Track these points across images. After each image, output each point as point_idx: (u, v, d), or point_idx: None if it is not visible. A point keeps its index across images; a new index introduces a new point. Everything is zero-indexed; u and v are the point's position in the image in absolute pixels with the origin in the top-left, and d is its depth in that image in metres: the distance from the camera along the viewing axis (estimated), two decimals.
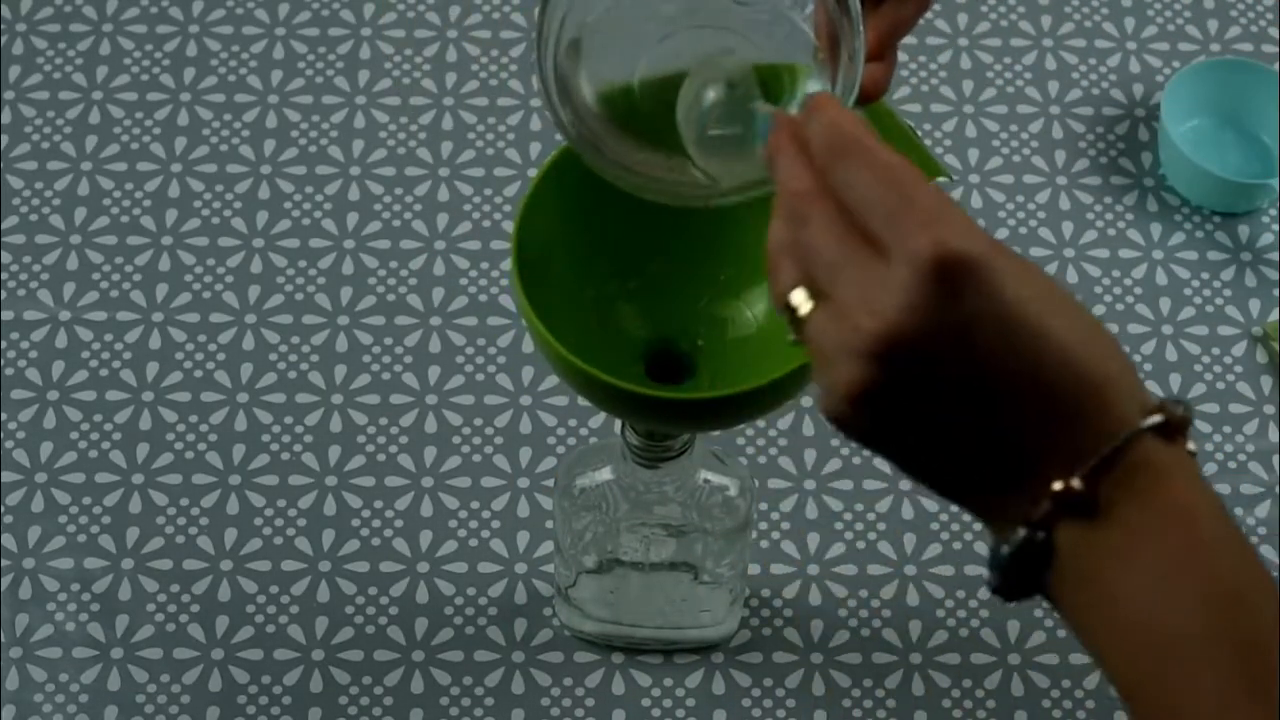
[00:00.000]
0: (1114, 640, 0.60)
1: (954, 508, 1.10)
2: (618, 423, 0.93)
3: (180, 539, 1.09)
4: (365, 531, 1.09)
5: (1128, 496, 0.59)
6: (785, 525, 1.10)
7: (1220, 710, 0.58)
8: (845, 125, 0.61)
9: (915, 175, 0.59)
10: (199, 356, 1.15)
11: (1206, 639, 0.58)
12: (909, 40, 1.28)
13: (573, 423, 1.13)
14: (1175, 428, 0.59)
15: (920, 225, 0.58)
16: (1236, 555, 0.59)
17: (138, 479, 1.11)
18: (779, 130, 0.64)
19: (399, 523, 1.10)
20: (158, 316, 1.17)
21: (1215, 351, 1.16)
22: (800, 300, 0.61)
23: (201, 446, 1.12)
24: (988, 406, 0.59)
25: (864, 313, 0.58)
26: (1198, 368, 1.16)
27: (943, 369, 0.58)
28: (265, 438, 1.12)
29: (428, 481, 1.11)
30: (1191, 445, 0.60)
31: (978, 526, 1.09)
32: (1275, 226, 1.21)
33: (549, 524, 1.10)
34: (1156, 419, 0.59)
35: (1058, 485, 0.59)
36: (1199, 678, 0.58)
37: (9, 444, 1.12)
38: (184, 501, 1.10)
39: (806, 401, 1.14)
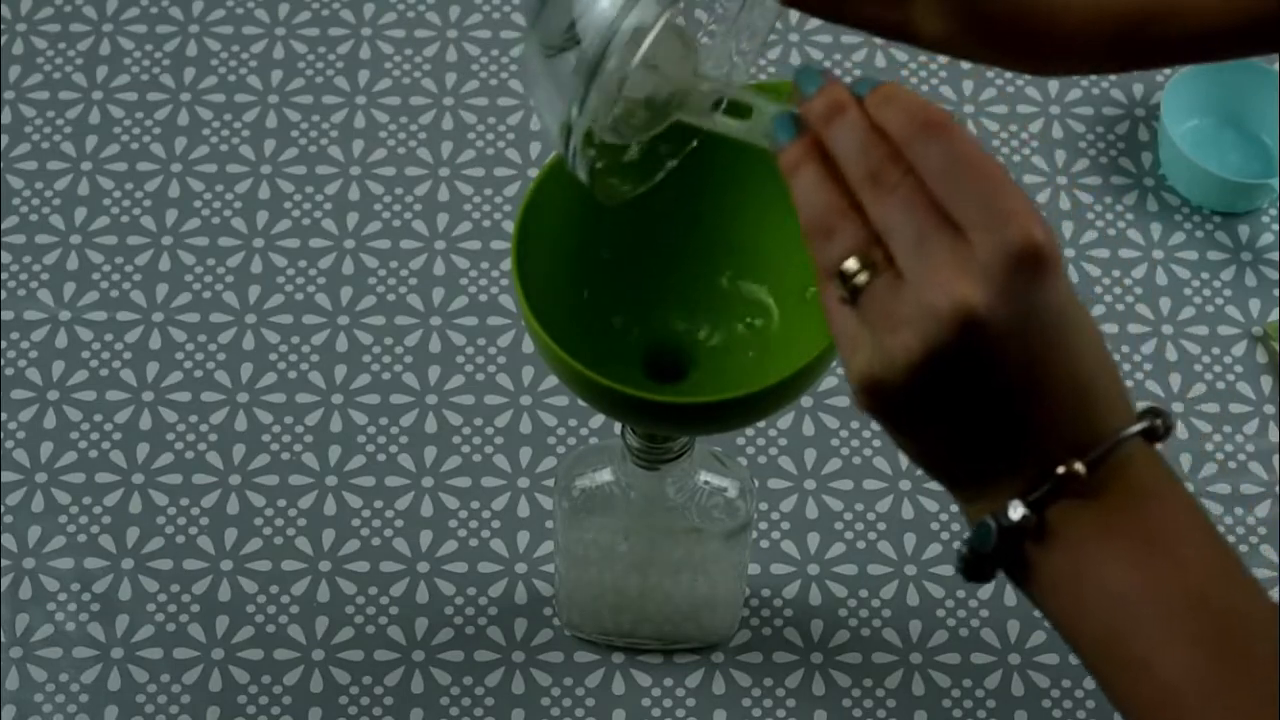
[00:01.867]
0: (1089, 605, 0.64)
1: (954, 507, 1.10)
2: (618, 424, 0.93)
3: (180, 539, 1.09)
4: (365, 531, 1.09)
5: (1114, 480, 0.64)
6: (785, 525, 1.10)
7: (1189, 662, 0.63)
8: (934, 108, 0.64)
9: (1001, 166, 0.63)
10: (199, 356, 1.15)
11: (1173, 594, 0.64)
12: None
13: (573, 423, 1.13)
14: (1158, 433, 0.66)
15: (1011, 214, 0.62)
16: (1200, 526, 0.65)
17: (138, 479, 1.11)
18: (828, 97, 0.65)
19: (399, 523, 1.10)
20: (158, 316, 1.17)
21: (1215, 351, 1.16)
22: (854, 266, 0.63)
23: (201, 446, 1.12)
24: (1023, 392, 0.63)
25: (950, 282, 0.61)
26: (1198, 368, 1.16)
27: (1002, 350, 0.62)
28: (265, 438, 1.12)
29: (428, 481, 1.11)
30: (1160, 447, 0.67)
31: None
32: (1275, 226, 1.21)
33: (549, 524, 1.10)
34: (1146, 423, 0.65)
35: (1061, 470, 0.64)
36: (1168, 629, 0.63)
37: (9, 444, 1.12)
38: (184, 501, 1.10)
39: (806, 401, 1.14)
